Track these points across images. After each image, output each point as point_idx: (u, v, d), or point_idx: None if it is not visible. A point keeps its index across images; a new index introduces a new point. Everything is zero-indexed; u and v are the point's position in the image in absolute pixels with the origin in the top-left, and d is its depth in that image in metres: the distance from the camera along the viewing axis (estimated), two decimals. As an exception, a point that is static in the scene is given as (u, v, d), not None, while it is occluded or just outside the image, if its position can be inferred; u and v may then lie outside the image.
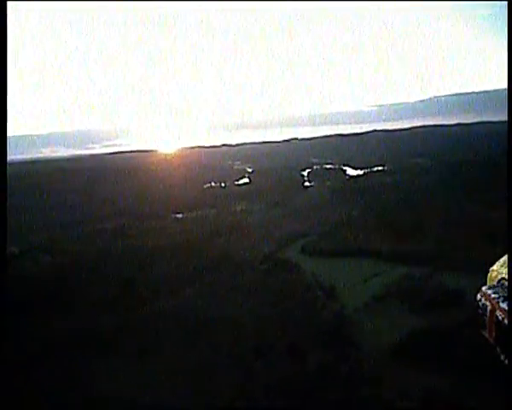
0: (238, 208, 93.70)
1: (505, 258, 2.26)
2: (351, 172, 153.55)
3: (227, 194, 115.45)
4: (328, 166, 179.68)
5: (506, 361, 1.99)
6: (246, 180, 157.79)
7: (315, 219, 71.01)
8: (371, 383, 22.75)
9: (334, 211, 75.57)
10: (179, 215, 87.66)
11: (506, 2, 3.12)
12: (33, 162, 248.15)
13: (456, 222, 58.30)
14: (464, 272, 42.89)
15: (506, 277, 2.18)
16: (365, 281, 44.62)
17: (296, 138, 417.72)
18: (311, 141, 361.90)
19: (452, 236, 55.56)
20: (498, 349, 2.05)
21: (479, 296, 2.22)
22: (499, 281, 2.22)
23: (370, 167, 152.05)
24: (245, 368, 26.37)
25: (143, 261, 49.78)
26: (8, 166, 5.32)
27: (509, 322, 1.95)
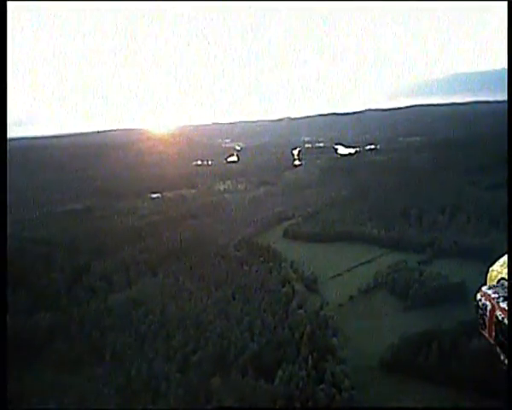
0: (221, 188, 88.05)
1: (505, 258, 2.32)
2: (342, 150, 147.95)
3: (212, 172, 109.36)
4: (319, 145, 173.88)
5: (506, 361, 1.96)
6: (234, 158, 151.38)
7: (301, 200, 65.76)
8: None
9: (322, 191, 70.35)
10: (156, 195, 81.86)
11: (506, 3, 3.62)
12: (10, 140, 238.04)
13: (453, 205, 53.36)
14: (464, 260, 38.04)
15: (506, 277, 2.23)
16: (352, 270, 39.64)
17: (289, 117, 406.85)
18: (304, 119, 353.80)
19: (450, 220, 50.73)
20: (498, 349, 2.02)
21: (479, 296, 2.21)
22: (499, 281, 2.27)
23: (363, 146, 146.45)
24: (200, 386, 21.28)
25: (105, 246, 44.24)
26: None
27: (509, 322, 1.96)
